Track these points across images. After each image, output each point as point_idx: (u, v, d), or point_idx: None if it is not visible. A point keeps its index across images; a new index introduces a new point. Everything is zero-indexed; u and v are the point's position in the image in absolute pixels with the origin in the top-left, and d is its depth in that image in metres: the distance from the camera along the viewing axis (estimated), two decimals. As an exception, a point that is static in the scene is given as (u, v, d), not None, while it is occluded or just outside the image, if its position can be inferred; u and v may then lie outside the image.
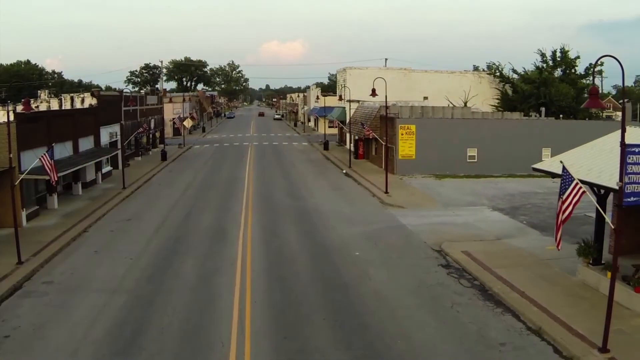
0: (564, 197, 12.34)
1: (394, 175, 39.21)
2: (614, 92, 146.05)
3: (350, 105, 56.18)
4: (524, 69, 64.78)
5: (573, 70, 62.75)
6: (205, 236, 23.80)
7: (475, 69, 76.69)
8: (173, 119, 67.76)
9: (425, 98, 58.25)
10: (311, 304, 16.07)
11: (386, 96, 34.29)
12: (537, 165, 20.02)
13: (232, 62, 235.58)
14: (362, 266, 19.51)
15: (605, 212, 15.22)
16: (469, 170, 40.89)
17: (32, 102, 41.39)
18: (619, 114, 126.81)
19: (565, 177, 12.47)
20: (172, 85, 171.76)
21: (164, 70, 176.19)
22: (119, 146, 44.63)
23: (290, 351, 13.17)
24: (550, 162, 20.29)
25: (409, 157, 41.21)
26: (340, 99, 63.49)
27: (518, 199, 32.14)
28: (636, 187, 12.01)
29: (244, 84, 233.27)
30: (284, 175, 41.70)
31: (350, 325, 14.55)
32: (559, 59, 62.94)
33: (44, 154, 20.17)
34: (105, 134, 42.47)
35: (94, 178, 38.14)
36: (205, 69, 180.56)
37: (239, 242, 22.54)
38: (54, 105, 40.02)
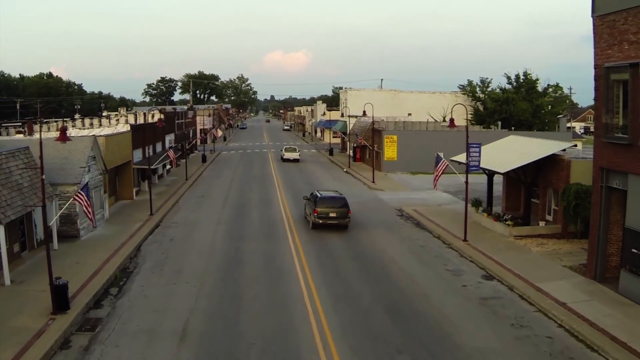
0: (437, 167, 26.93)
1: (381, 172, 53.70)
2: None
3: (349, 120, 70.67)
4: (492, 89, 79.29)
5: (535, 90, 76.86)
6: (258, 203, 38.40)
7: (470, 82, 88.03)
8: (211, 129, 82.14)
9: (410, 114, 72.73)
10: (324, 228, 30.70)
11: (373, 115, 48.93)
12: (452, 158, 34.48)
13: (242, 75, 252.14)
14: (352, 215, 33.96)
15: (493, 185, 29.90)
16: (436, 168, 55.17)
17: (113, 116, 56.18)
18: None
19: (438, 157, 27.06)
20: (186, 97, 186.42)
21: (179, 84, 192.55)
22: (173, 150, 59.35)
23: (315, 244, 27.65)
24: (459, 156, 34.84)
25: (392, 159, 55.70)
26: (342, 115, 77.86)
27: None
28: (475, 162, 26.47)
29: (253, 96, 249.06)
30: (300, 172, 56.24)
31: (344, 236, 29.09)
32: (522, 81, 77.34)
33: (169, 149, 34.55)
34: (167, 141, 57.20)
35: (162, 172, 52.72)
36: (217, 82, 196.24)
37: (280, 204, 37.30)
38: (131, 119, 54.49)
